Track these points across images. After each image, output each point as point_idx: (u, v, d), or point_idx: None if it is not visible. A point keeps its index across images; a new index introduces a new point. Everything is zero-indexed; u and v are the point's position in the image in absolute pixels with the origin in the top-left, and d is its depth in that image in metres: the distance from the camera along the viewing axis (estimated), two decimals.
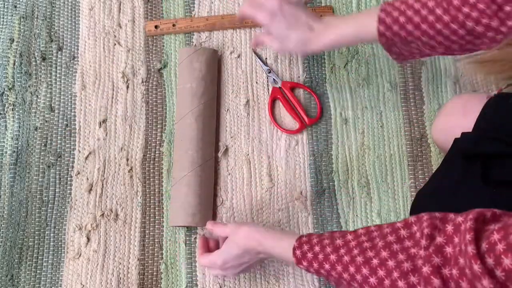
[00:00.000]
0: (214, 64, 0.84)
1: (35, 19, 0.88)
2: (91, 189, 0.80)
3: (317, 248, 0.54)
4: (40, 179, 0.81)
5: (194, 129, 0.78)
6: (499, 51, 0.46)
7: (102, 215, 0.79)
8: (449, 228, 0.42)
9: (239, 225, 0.65)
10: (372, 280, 0.46)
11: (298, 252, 0.56)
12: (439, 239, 0.42)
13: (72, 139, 0.83)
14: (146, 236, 0.79)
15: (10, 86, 0.84)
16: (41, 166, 0.81)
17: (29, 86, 0.85)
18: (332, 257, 0.51)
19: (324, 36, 0.64)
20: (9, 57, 0.86)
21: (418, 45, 0.60)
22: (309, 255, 0.54)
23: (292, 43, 0.66)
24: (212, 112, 0.82)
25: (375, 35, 0.60)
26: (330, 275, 0.52)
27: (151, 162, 0.82)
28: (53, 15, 0.88)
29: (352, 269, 0.49)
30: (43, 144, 0.82)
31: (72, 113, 0.84)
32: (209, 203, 0.78)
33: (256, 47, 0.83)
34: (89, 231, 0.78)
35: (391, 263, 0.45)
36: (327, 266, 0.52)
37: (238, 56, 0.86)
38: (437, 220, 0.45)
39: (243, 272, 0.69)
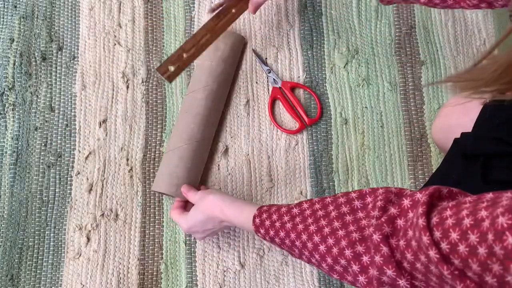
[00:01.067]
0: (238, 49, 0.84)
1: (35, 19, 0.88)
2: (91, 189, 0.80)
3: (274, 217, 0.55)
4: (40, 179, 0.81)
5: (202, 105, 0.79)
6: (474, 69, 0.47)
7: (102, 215, 0.79)
8: (406, 202, 0.43)
9: (206, 193, 0.67)
10: (322, 247, 0.48)
11: (257, 220, 0.57)
12: (392, 211, 0.44)
13: (72, 139, 0.83)
14: (146, 236, 0.79)
15: (10, 86, 0.84)
16: (41, 166, 0.81)
17: (29, 86, 0.85)
18: (288, 225, 0.53)
19: None
20: (9, 57, 0.86)
21: None
22: (267, 223, 0.56)
23: None
24: (223, 94, 0.82)
25: None
26: (283, 244, 0.54)
27: (151, 162, 0.82)
28: (53, 15, 0.88)
29: (304, 237, 0.50)
30: (43, 144, 0.82)
31: (72, 113, 0.84)
32: (195, 179, 0.78)
33: None
34: (89, 231, 0.78)
35: (341, 232, 0.47)
36: (282, 233, 0.53)
37: None
38: (392, 194, 0.46)
39: (209, 236, 0.74)
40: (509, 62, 0.42)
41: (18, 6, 0.88)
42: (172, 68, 0.72)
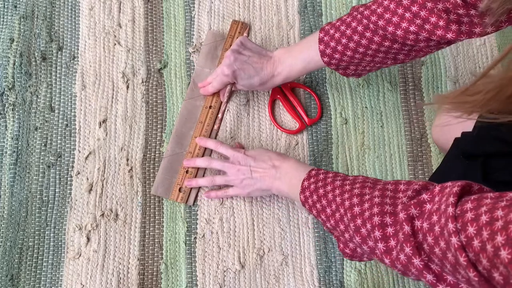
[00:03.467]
0: None
1: (35, 19, 0.88)
2: (91, 189, 0.80)
3: (330, 174, 0.61)
4: (40, 179, 0.81)
5: (201, 112, 0.81)
6: (466, 91, 0.50)
7: (102, 215, 0.79)
8: (436, 188, 0.46)
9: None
10: (357, 209, 0.52)
11: (313, 171, 0.64)
12: (424, 196, 0.46)
13: (72, 139, 0.83)
14: (146, 236, 0.79)
15: (10, 86, 0.84)
16: (41, 166, 0.81)
17: (29, 86, 0.85)
18: (337, 183, 0.58)
19: (279, 74, 0.73)
20: (9, 57, 0.86)
21: (366, 64, 0.67)
22: (321, 176, 0.62)
23: (257, 86, 0.76)
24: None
25: (324, 65, 0.69)
26: (325, 196, 0.59)
27: (151, 162, 0.82)
28: (53, 15, 0.88)
29: (346, 195, 0.55)
30: (43, 144, 0.82)
31: (72, 113, 0.84)
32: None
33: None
34: (89, 231, 0.78)
35: (377, 200, 0.50)
36: (329, 187, 0.59)
37: None
38: (430, 185, 0.49)
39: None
40: (502, 86, 0.44)
41: (18, 6, 0.88)
42: (181, 195, 0.79)
